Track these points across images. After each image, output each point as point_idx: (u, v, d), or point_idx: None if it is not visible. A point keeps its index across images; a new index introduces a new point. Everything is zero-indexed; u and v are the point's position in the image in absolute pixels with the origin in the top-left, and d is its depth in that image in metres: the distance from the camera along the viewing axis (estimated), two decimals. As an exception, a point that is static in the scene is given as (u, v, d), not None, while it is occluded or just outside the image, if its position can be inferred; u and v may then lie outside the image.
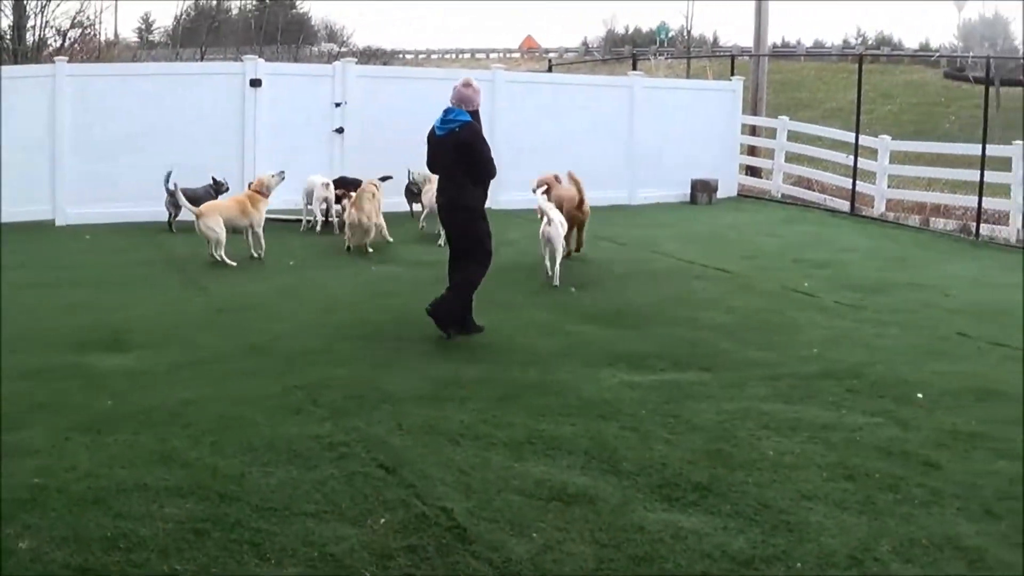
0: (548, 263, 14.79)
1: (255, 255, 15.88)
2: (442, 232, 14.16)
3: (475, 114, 11.92)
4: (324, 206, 18.88)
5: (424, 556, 6.41)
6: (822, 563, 6.51)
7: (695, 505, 7.31)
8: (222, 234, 15.45)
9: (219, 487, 7.29)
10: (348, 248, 16.89)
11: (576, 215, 16.44)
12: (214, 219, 15.46)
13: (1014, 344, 12.18)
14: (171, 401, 9.14)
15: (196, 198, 17.04)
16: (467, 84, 12.03)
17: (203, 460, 7.79)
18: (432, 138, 11.96)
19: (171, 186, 17.84)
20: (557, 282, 14.46)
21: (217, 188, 18.42)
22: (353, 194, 17.36)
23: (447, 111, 11.86)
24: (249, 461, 7.79)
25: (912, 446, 8.64)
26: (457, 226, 12.16)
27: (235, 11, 59.39)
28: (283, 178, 16.50)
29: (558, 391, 9.82)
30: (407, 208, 20.45)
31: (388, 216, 17.83)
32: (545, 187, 15.86)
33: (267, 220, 17.08)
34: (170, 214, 18.66)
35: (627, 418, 9.09)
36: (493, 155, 11.94)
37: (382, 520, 6.85)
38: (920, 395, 10.03)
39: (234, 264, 15.53)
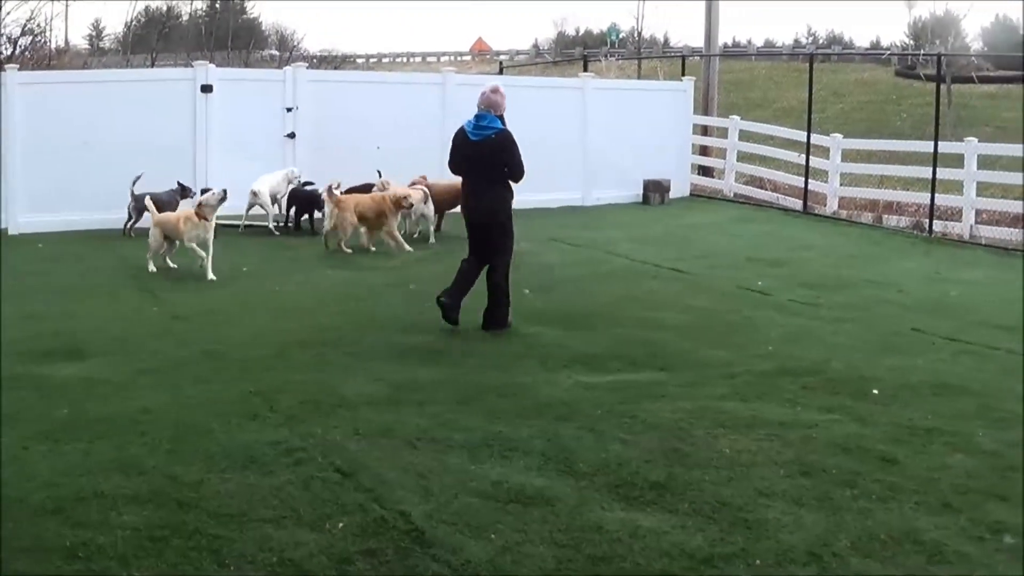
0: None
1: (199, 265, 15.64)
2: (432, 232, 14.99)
3: (501, 118, 12.45)
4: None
5: (383, 560, 6.40)
6: (780, 559, 6.54)
7: (653, 504, 7.33)
8: (155, 244, 15.43)
9: (177, 494, 7.26)
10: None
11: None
12: (155, 229, 15.48)
13: (968, 339, 12.32)
14: (128, 409, 9.09)
15: (160, 203, 17.03)
16: (495, 90, 12.64)
17: (161, 468, 7.76)
18: (465, 141, 12.44)
19: (136, 190, 17.95)
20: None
21: (183, 193, 18.33)
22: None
23: (479, 116, 12.39)
24: (206, 468, 7.76)
25: (869, 442, 8.70)
26: (494, 225, 12.49)
27: (185, 16, 59.14)
28: (224, 198, 16.34)
29: (515, 393, 9.83)
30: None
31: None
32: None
33: (224, 227, 17.35)
34: (130, 218, 18.59)
35: (584, 419, 9.11)
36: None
37: (340, 525, 6.84)
38: (876, 391, 10.11)
39: (174, 266, 15.64)
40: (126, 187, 17.99)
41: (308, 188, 19.30)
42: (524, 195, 17.40)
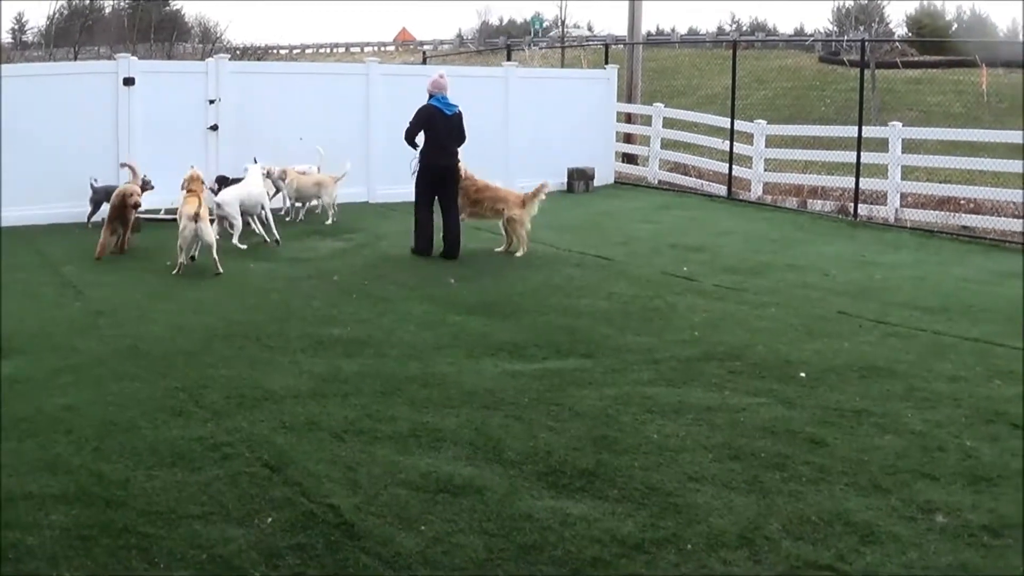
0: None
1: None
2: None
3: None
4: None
5: (313, 554, 6.39)
6: (712, 543, 6.58)
7: (582, 491, 7.37)
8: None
9: (104, 493, 7.20)
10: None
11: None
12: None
13: (894, 321, 12.50)
14: (52, 407, 8.99)
15: (110, 194, 17.16)
16: (442, 76, 16.92)
17: (87, 466, 7.69)
18: (442, 118, 16.40)
19: (94, 182, 18.35)
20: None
21: (143, 186, 18.19)
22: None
23: (442, 98, 16.55)
24: (133, 465, 7.70)
25: (797, 424, 8.79)
26: (451, 180, 16.70)
27: (108, 9, 58.71)
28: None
29: (440, 383, 9.82)
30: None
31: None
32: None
33: (145, 220, 17.89)
34: (92, 211, 18.71)
35: (510, 407, 9.13)
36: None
37: (269, 519, 6.82)
38: (803, 374, 10.21)
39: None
40: (48, 181, 17.87)
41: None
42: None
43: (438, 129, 16.34)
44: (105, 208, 16.94)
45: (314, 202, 19.73)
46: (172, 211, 18.33)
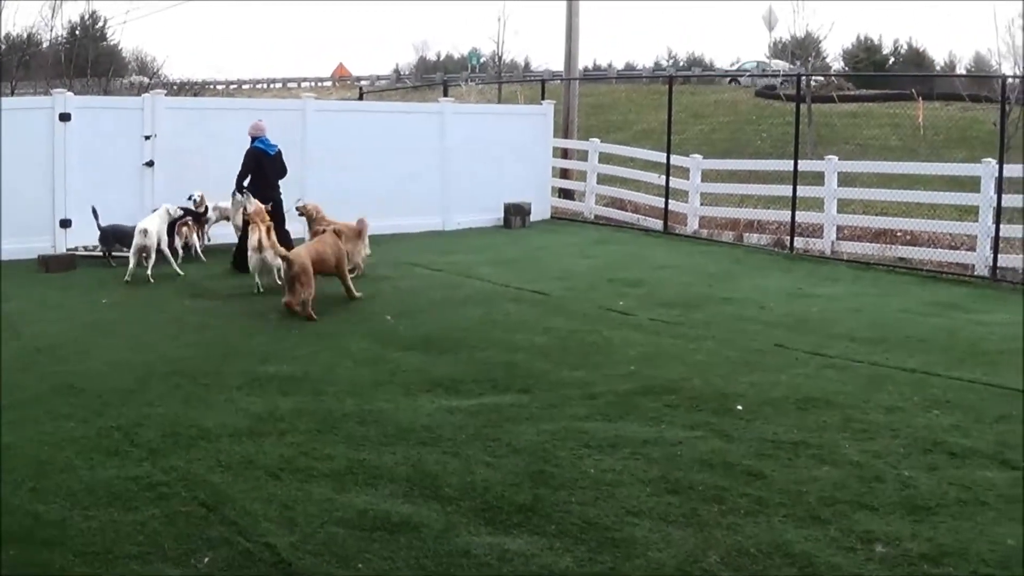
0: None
1: None
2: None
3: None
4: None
5: (249, 593, 6.37)
6: (650, 578, 6.59)
7: (520, 527, 7.37)
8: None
9: (41, 533, 7.17)
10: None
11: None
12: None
13: (831, 353, 12.57)
14: (-12, 446, 8.94)
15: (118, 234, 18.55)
16: (261, 120, 18.79)
17: (24, 506, 7.65)
18: (266, 158, 18.23)
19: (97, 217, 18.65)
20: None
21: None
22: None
23: (264, 140, 18.35)
24: (69, 505, 7.66)
25: (734, 457, 8.83)
26: (278, 209, 17.98)
27: (46, 44, 58.32)
28: None
29: (377, 420, 9.80)
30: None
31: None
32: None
33: (83, 257, 18.65)
34: (106, 249, 19.04)
35: (448, 443, 9.13)
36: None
37: (206, 559, 6.80)
38: (739, 407, 10.25)
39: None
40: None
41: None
42: (384, 220, 17.51)
43: (265, 168, 18.28)
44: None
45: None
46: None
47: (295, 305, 14.20)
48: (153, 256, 17.29)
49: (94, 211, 18.51)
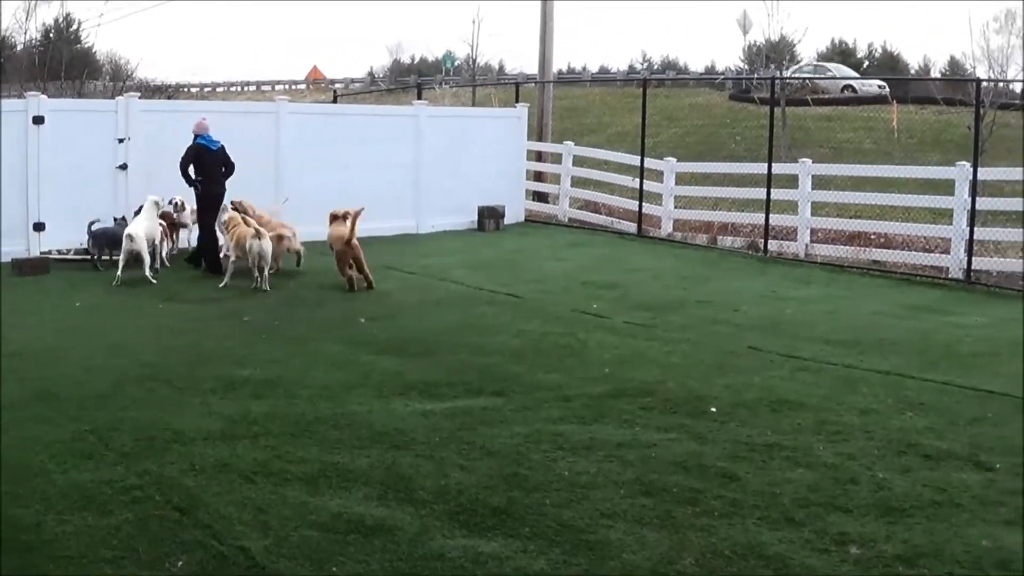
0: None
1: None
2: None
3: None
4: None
5: (223, 596, 6.36)
6: (624, 580, 6.60)
7: (494, 529, 7.38)
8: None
9: (17, 537, 7.14)
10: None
11: (345, 251, 16.64)
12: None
13: (804, 355, 12.64)
14: (-38, 452, 8.90)
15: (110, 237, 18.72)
16: (204, 118, 19.15)
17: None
18: (208, 153, 18.69)
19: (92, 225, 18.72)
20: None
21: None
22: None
23: (206, 137, 18.79)
24: (44, 510, 7.62)
25: (709, 459, 8.85)
26: (219, 205, 18.91)
27: (19, 47, 58.10)
28: None
29: (351, 423, 9.79)
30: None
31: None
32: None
33: (57, 261, 18.79)
34: (97, 254, 18.98)
35: (421, 446, 9.13)
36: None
37: (180, 563, 6.78)
38: (713, 409, 10.28)
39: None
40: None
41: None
42: (358, 223, 17.38)
43: (206, 163, 18.72)
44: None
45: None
46: (81, 251, 18.34)
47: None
48: (147, 258, 17.26)
49: (90, 227, 18.58)
